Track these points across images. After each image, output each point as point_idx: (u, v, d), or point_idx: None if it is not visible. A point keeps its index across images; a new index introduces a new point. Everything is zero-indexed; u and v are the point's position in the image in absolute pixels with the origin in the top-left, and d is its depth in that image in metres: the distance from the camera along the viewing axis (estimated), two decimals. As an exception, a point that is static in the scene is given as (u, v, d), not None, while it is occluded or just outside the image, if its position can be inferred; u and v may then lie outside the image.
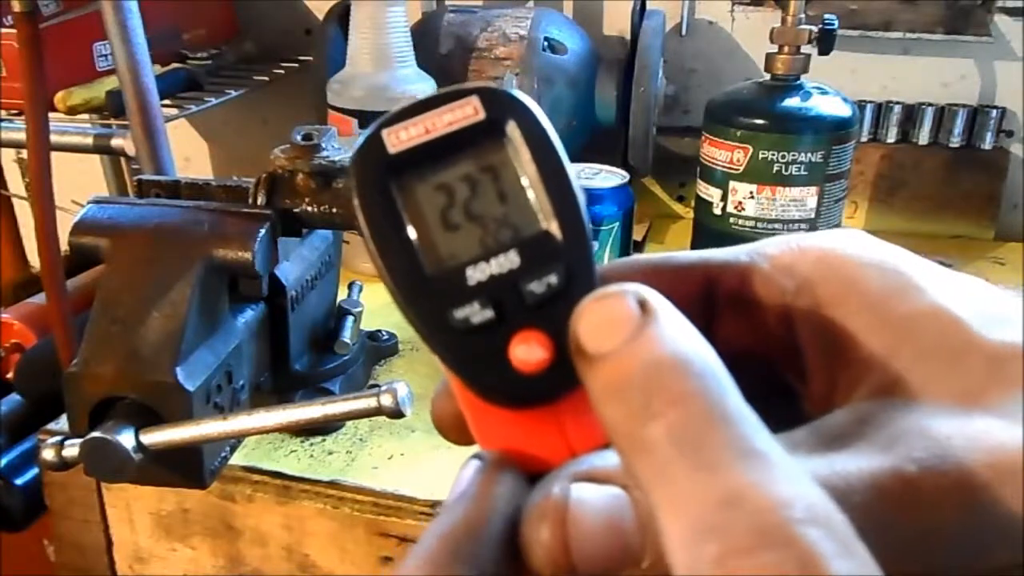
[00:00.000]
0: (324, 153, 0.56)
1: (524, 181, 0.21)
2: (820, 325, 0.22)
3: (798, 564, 0.15)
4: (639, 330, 0.18)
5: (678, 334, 0.18)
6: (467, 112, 0.21)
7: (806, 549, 0.15)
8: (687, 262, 0.24)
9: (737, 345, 0.24)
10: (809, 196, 0.86)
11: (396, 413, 0.46)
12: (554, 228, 0.21)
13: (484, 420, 0.21)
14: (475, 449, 0.22)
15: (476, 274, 0.21)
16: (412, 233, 0.21)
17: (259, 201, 0.56)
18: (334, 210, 0.56)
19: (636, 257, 0.24)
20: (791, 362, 0.23)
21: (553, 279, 0.20)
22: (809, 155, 0.85)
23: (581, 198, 0.21)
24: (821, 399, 0.22)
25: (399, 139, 0.21)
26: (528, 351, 0.20)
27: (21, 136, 0.82)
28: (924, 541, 0.18)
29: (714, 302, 0.24)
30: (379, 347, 0.76)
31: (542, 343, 0.20)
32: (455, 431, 0.23)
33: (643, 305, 0.19)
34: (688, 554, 0.16)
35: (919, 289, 0.21)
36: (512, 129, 0.21)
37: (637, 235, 0.97)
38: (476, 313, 0.20)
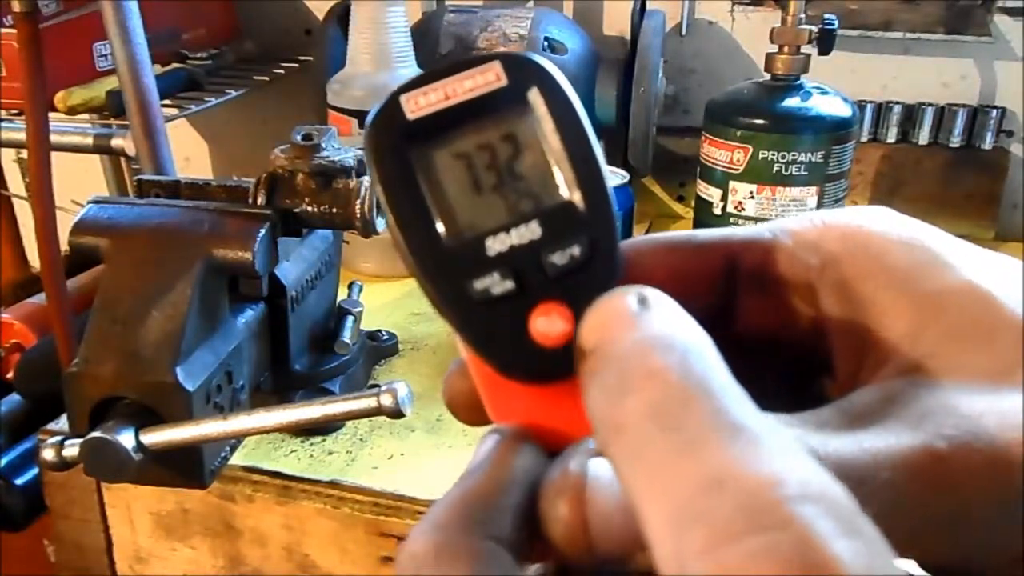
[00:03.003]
0: (324, 153, 0.56)
1: (546, 150, 0.20)
2: (846, 302, 0.21)
3: (795, 547, 0.14)
4: (632, 320, 0.18)
5: (667, 318, 0.18)
6: (489, 78, 0.21)
7: (803, 529, 0.14)
8: (708, 239, 0.23)
9: (760, 323, 0.23)
10: (809, 196, 0.86)
11: (396, 413, 0.46)
12: (577, 198, 0.20)
13: (501, 396, 0.21)
14: (483, 433, 0.21)
15: (496, 244, 0.20)
16: (430, 202, 0.20)
17: (259, 201, 0.56)
18: (334, 210, 0.56)
19: (656, 235, 0.24)
20: (816, 340, 0.22)
21: (576, 250, 0.20)
22: (809, 155, 0.85)
23: (605, 169, 0.20)
24: (847, 377, 0.21)
25: (418, 105, 0.20)
26: (549, 324, 0.20)
27: (21, 136, 0.82)
28: (955, 520, 0.18)
29: (736, 280, 0.23)
30: (379, 347, 0.76)
31: (563, 316, 0.20)
32: (468, 411, 0.22)
33: (643, 300, 0.18)
34: (672, 544, 0.15)
35: (948, 265, 0.20)
36: (535, 96, 0.21)
37: (637, 235, 0.97)
38: (496, 284, 0.20)
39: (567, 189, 0.20)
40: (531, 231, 0.20)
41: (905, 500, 0.17)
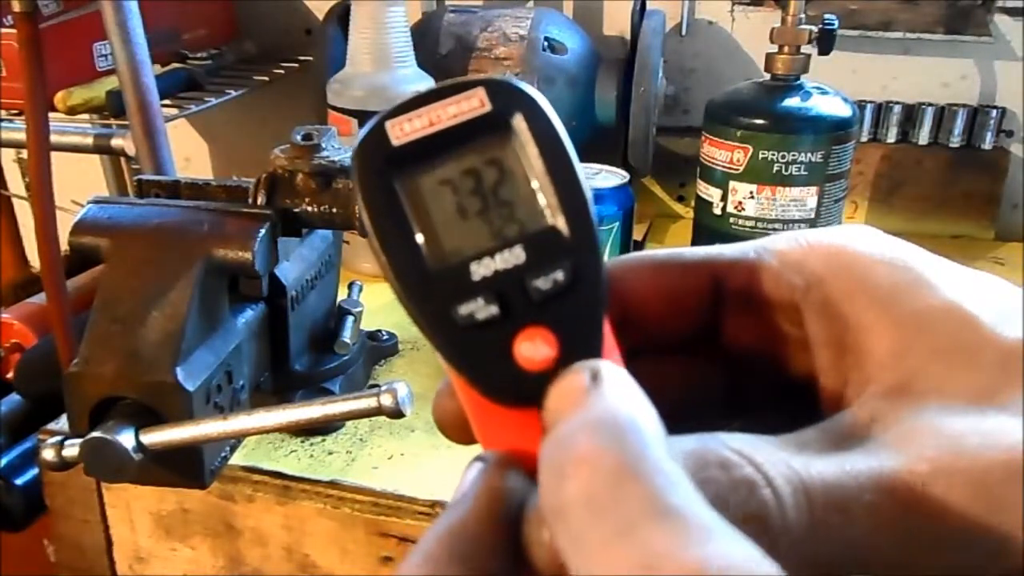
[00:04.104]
0: (324, 153, 0.56)
1: (530, 175, 0.21)
2: (830, 322, 0.21)
3: None
4: (580, 400, 0.18)
5: (614, 398, 0.18)
6: (473, 104, 0.21)
7: None
8: (694, 258, 0.24)
9: (747, 342, 0.23)
10: (809, 196, 0.86)
11: (396, 413, 0.46)
12: (561, 224, 0.20)
13: (487, 419, 0.21)
14: (477, 448, 0.21)
15: (481, 269, 0.20)
16: (415, 227, 0.20)
17: (259, 201, 0.56)
18: (334, 210, 0.56)
19: (643, 253, 0.24)
20: (801, 360, 0.22)
21: (560, 275, 0.20)
22: (809, 155, 0.85)
23: (589, 193, 0.21)
24: (832, 397, 0.22)
25: (403, 131, 0.21)
26: (533, 348, 0.20)
27: (21, 136, 0.81)
28: (937, 541, 0.18)
29: (722, 299, 0.23)
30: (379, 347, 0.76)
31: (548, 340, 0.20)
32: (457, 431, 0.22)
33: (595, 376, 0.18)
34: None
35: (931, 285, 0.20)
36: (519, 122, 0.21)
37: (637, 235, 0.97)
38: (480, 309, 0.20)
39: (551, 214, 0.20)
40: (515, 256, 0.20)
41: (888, 522, 0.17)
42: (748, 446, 0.17)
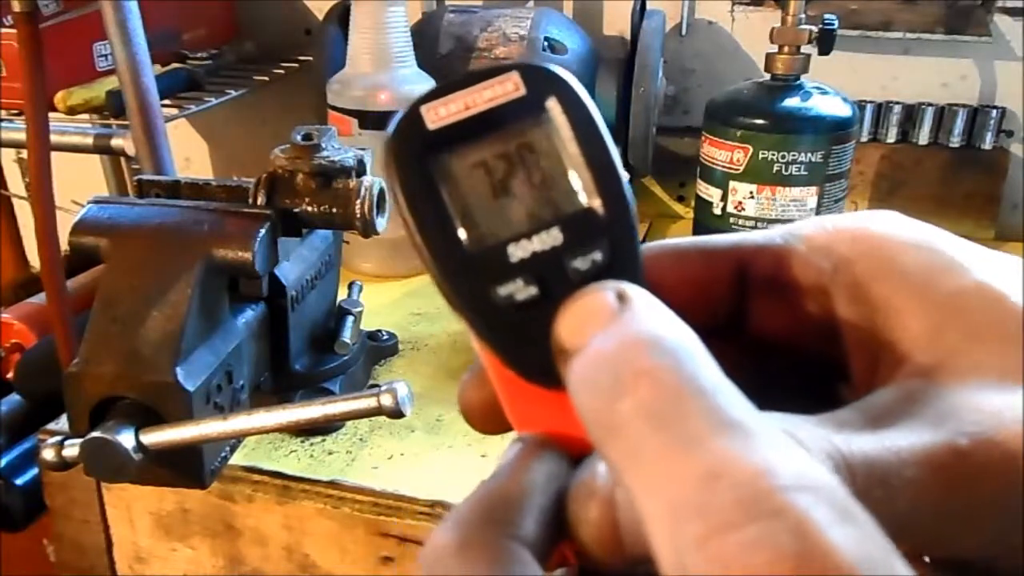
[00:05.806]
0: (324, 153, 0.56)
1: (565, 158, 0.21)
2: (860, 305, 0.21)
3: (791, 534, 0.14)
4: (614, 318, 0.18)
5: (653, 317, 0.18)
6: (507, 88, 0.21)
7: (798, 517, 0.14)
8: (719, 245, 0.24)
9: (773, 328, 0.23)
10: (809, 196, 0.86)
11: (396, 413, 0.46)
12: (597, 204, 0.20)
13: (524, 403, 0.21)
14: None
15: (518, 251, 0.20)
16: (451, 210, 0.20)
17: (259, 201, 0.56)
18: (334, 210, 0.56)
19: (666, 241, 0.24)
20: (830, 343, 0.23)
21: (598, 255, 0.20)
22: (809, 155, 0.85)
23: (624, 175, 0.21)
24: (862, 379, 0.22)
25: (438, 115, 0.21)
26: None
27: (21, 136, 0.82)
28: (978, 515, 0.18)
29: (747, 285, 0.23)
30: (379, 347, 0.76)
31: None
32: (484, 419, 0.22)
33: (621, 296, 0.18)
34: (670, 538, 0.15)
35: (960, 267, 0.21)
36: (553, 105, 0.21)
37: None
38: (520, 290, 0.20)
39: (586, 195, 0.21)
40: (553, 237, 0.20)
41: (929, 496, 0.18)
42: (789, 423, 0.17)
